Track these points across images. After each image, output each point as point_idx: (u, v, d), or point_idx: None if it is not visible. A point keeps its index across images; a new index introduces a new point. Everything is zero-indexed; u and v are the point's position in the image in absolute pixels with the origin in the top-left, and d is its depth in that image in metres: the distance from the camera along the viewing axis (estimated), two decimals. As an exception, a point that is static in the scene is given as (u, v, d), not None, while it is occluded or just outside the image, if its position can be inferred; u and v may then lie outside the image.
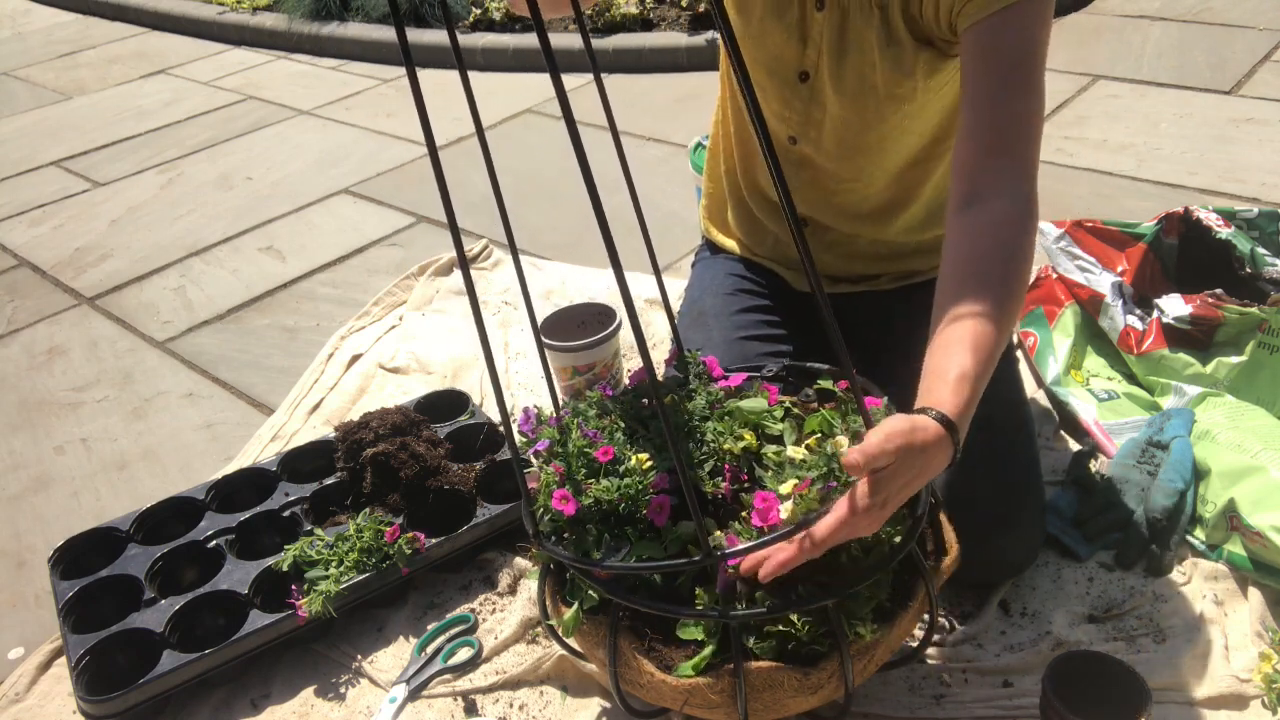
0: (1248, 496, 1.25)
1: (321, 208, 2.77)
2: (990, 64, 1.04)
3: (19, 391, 2.02)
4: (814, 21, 1.18)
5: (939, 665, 1.19)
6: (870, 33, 1.15)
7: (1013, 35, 1.03)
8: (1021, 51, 1.04)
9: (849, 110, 1.22)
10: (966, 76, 1.06)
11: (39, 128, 3.62)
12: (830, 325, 0.82)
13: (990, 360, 0.94)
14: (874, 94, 1.19)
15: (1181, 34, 3.33)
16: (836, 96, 1.21)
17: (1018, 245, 1.00)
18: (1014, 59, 1.04)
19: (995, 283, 0.97)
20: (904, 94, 1.18)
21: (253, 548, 1.40)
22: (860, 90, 1.19)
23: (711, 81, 1.47)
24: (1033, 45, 1.04)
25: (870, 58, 1.16)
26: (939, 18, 1.10)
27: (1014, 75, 1.03)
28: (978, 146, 1.04)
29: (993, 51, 1.04)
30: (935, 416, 0.87)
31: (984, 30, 1.04)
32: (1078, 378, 1.62)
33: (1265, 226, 1.67)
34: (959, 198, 1.04)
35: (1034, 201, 1.02)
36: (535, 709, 1.20)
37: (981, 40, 1.04)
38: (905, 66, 1.16)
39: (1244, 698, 1.11)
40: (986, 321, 0.93)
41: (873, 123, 1.23)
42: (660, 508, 0.94)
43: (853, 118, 1.22)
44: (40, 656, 1.34)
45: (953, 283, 0.99)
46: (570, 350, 1.58)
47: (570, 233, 2.44)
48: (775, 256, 1.48)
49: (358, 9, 4.25)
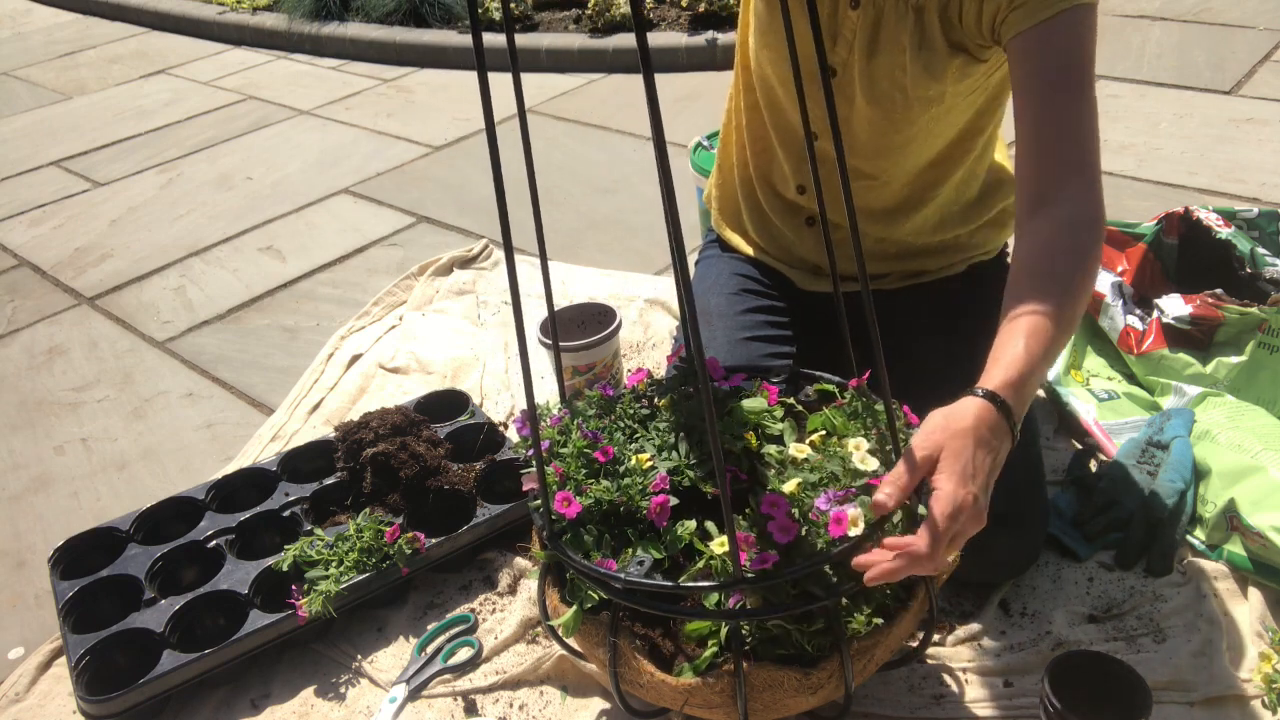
0: (1248, 496, 1.25)
1: (321, 208, 2.77)
2: (1042, 73, 1.05)
3: (19, 391, 2.02)
4: (846, 19, 1.17)
5: (939, 665, 1.19)
6: (904, 35, 1.15)
7: (1061, 41, 1.04)
8: (1072, 57, 1.04)
9: (876, 111, 1.21)
10: (1019, 86, 1.07)
11: (39, 128, 3.62)
12: (841, 327, 0.82)
13: (1047, 349, 0.95)
14: (903, 96, 1.19)
15: (1181, 34, 3.34)
16: (865, 96, 1.21)
17: (1088, 248, 1.01)
18: (1065, 65, 1.04)
19: (1063, 280, 0.98)
20: (933, 97, 1.18)
21: (253, 548, 1.40)
22: (889, 92, 1.19)
23: (712, 81, 1.46)
24: (1082, 50, 1.05)
25: (901, 60, 1.16)
26: (980, 24, 1.10)
27: (1067, 81, 1.04)
28: (1041, 158, 1.05)
29: (1043, 60, 1.05)
30: (980, 394, 0.89)
31: (1032, 39, 1.05)
32: (1078, 377, 1.62)
33: (1265, 226, 1.67)
34: (1027, 204, 1.05)
35: (1101, 205, 1.03)
36: (535, 709, 1.20)
37: (1030, 49, 1.05)
38: (936, 71, 1.15)
39: (1244, 698, 1.11)
40: (1046, 317, 0.95)
41: (900, 125, 1.22)
42: (661, 509, 0.94)
43: (879, 119, 1.22)
44: (40, 656, 1.34)
45: (1022, 279, 1.00)
46: (570, 350, 1.58)
47: (570, 233, 2.44)
48: (783, 256, 1.47)
49: (358, 9, 4.25)
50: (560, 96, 3.43)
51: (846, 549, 0.87)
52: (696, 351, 0.73)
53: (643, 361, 1.87)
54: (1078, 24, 1.04)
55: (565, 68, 3.70)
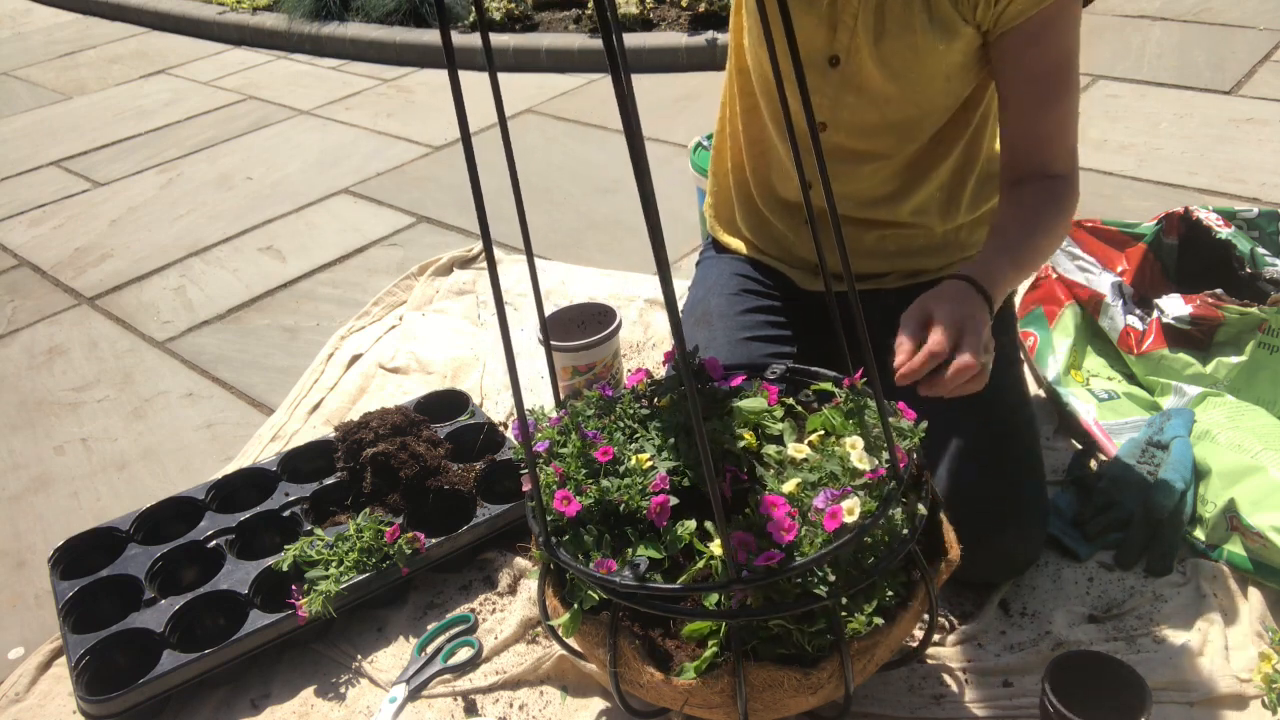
0: (1248, 496, 1.25)
1: (321, 208, 2.77)
2: (1027, 72, 1.14)
3: (19, 391, 2.02)
4: (847, 6, 1.19)
5: (939, 665, 1.19)
6: (911, 15, 1.17)
7: (1049, 39, 1.12)
8: (1059, 53, 1.13)
9: (894, 86, 1.23)
10: (1003, 82, 1.17)
11: (39, 128, 3.62)
12: (848, 327, 0.82)
13: (1026, 257, 1.14)
14: (923, 67, 1.21)
15: (1181, 34, 3.34)
16: (882, 75, 1.22)
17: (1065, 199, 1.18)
18: (1049, 65, 1.13)
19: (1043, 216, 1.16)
20: (950, 69, 1.21)
21: (253, 548, 1.40)
22: (908, 65, 1.21)
23: (712, 81, 1.47)
24: (1067, 49, 1.14)
25: (912, 39, 1.18)
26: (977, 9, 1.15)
27: (1051, 80, 1.15)
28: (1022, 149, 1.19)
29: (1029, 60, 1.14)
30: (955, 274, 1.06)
31: (1019, 37, 1.12)
32: (1078, 377, 1.62)
33: (1265, 226, 1.67)
34: (1008, 181, 1.22)
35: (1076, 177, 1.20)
36: (535, 709, 1.20)
37: (1018, 46, 1.13)
38: (949, 35, 1.18)
39: (1244, 698, 1.11)
40: (1027, 235, 1.14)
41: (917, 99, 1.25)
42: (661, 509, 0.94)
43: (896, 93, 1.24)
44: (40, 656, 1.34)
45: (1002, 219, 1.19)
46: (570, 350, 1.58)
47: (570, 233, 2.44)
48: (782, 256, 1.47)
49: (358, 9, 4.25)
50: (560, 96, 3.43)
51: (845, 542, 0.87)
52: (682, 356, 0.73)
53: (643, 361, 1.87)
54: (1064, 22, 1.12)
55: (565, 68, 3.70)
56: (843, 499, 0.90)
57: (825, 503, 0.90)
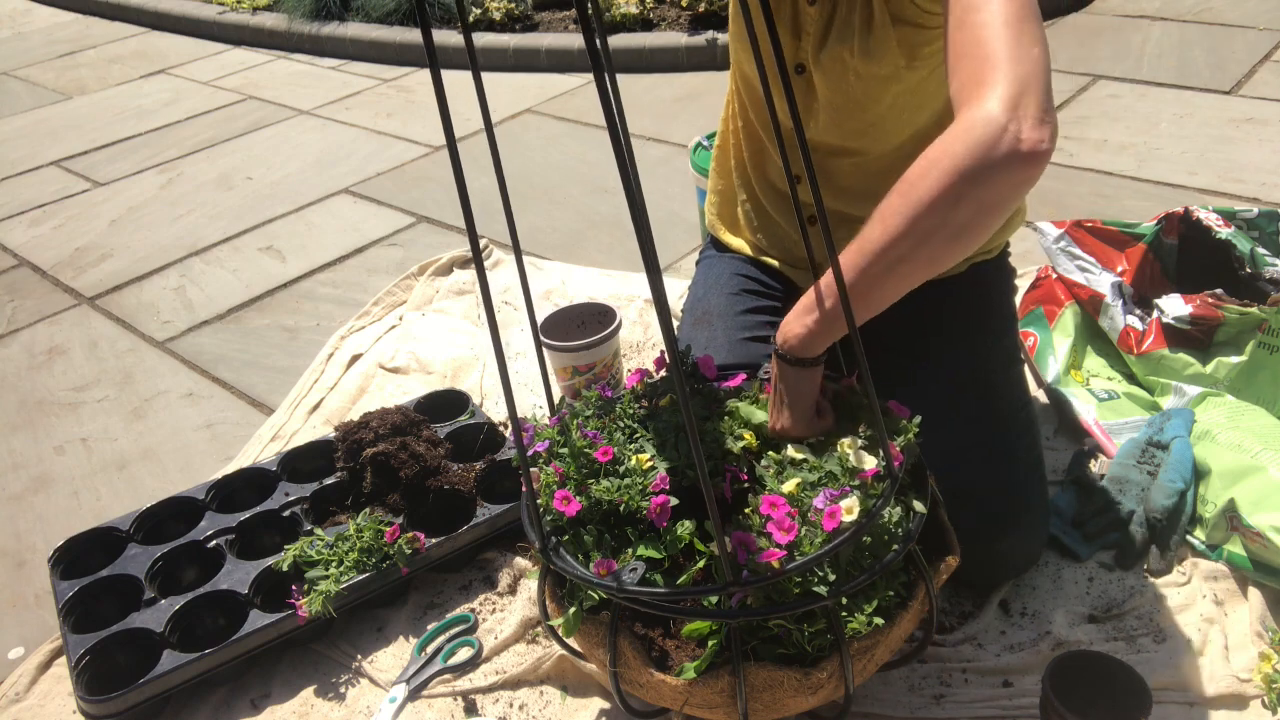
0: (1248, 496, 1.25)
1: (321, 208, 2.77)
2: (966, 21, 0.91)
3: (19, 391, 2.02)
4: (807, 15, 1.19)
5: (939, 665, 1.19)
6: (854, 18, 1.16)
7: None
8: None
9: (836, 95, 1.23)
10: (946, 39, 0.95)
11: (39, 128, 3.62)
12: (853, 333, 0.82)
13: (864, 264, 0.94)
14: (857, 78, 1.20)
15: (1181, 34, 3.33)
16: (822, 84, 1.23)
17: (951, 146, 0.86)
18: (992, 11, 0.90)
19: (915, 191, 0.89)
20: (887, 74, 1.19)
21: (253, 548, 1.40)
22: (840, 75, 1.20)
23: (712, 81, 1.47)
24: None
25: (850, 45, 1.18)
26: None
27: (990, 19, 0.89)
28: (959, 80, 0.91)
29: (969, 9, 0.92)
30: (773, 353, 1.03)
31: None
32: (1078, 378, 1.62)
33: (1265, 226, 1.67)
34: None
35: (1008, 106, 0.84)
36: (535, 709, 1.20)
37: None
38: (876, 52, 1.16)
39: (1244, 698, 1.11)
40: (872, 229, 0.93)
41: (865, 104, 1.24)
42: (661, 509, 0.94)
43: (841, 102, 1.24)
44: (40, 656, 1.34)
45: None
46: (570, 350, 1.58)
47: (570, 233, 2.44)
48: (783, 255, 1.47)
49: (358, 9, 4.25)
50: (560, 96, 3.43)
51: (843, 540, 0.87)
52: (673, 359, 0.73)
53: (643, 361, 1.87)
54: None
55: (565, 68, 3.70)
56: (842, 498, 0.90)
57: (825, 502, 0.90)
